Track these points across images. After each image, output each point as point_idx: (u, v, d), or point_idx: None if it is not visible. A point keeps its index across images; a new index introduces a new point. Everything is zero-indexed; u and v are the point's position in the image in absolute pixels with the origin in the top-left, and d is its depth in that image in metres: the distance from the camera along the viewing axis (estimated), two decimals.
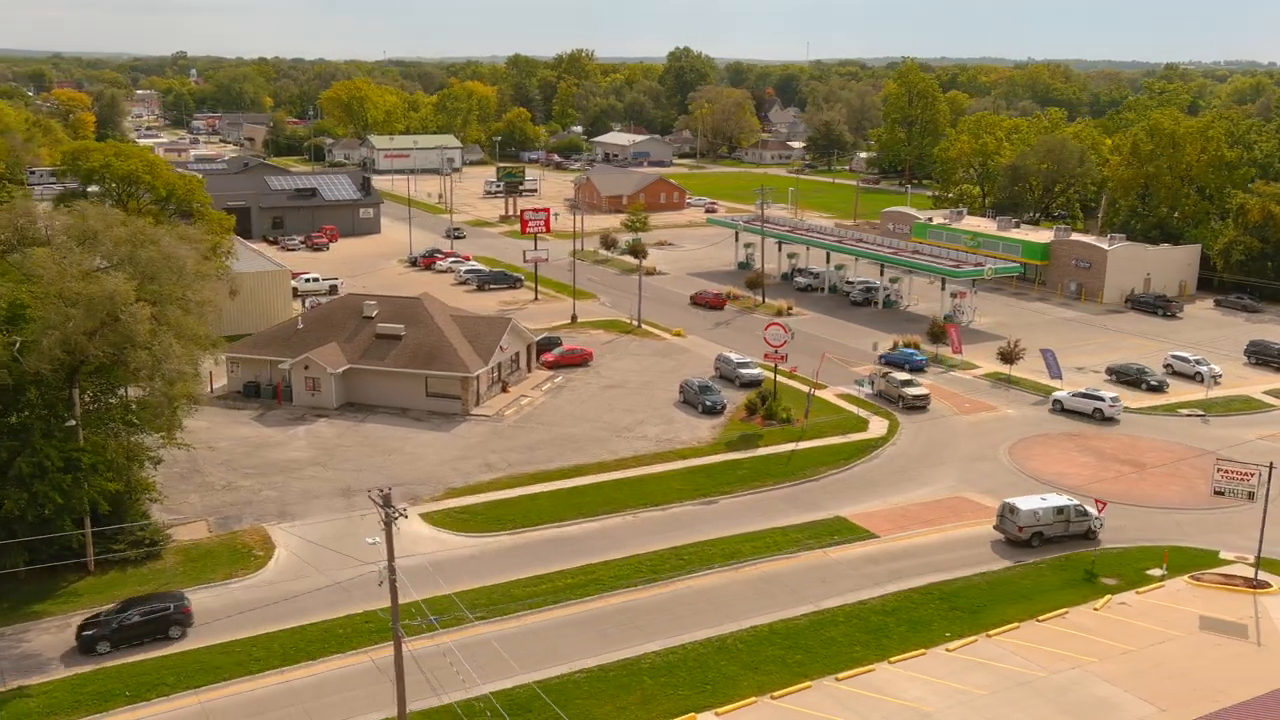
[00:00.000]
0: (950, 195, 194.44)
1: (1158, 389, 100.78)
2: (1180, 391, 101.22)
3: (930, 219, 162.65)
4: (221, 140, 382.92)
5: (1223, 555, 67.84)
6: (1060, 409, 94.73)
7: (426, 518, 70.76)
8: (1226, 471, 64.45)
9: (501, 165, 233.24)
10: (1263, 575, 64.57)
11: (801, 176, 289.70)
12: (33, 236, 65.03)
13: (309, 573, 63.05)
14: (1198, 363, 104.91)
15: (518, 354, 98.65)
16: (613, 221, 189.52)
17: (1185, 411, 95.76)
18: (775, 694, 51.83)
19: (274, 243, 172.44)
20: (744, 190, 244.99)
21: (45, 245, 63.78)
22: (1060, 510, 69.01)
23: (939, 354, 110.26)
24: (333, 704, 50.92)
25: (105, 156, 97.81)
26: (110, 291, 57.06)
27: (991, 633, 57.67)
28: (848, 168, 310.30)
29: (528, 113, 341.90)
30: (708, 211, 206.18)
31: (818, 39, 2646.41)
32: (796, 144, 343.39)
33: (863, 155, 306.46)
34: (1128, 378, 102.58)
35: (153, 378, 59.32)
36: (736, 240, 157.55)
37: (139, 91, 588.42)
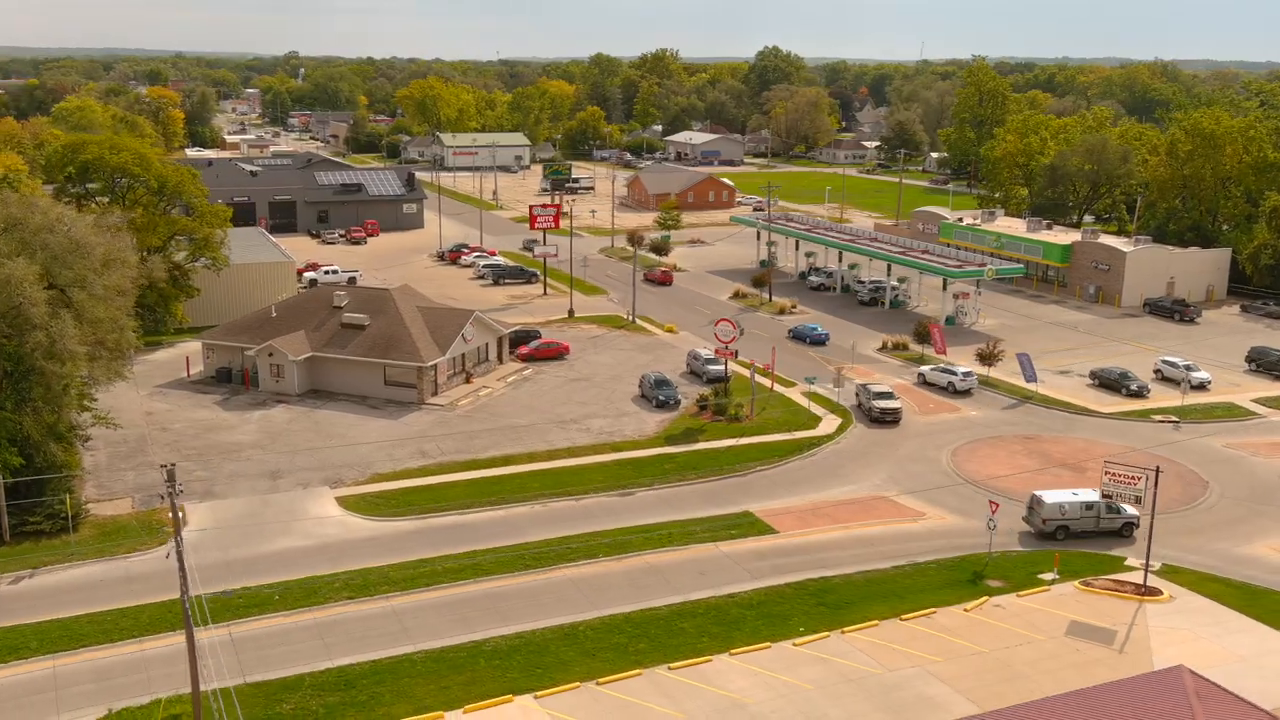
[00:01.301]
0: (996, 196, 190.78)
1: (1138, 394, 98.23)
2: (1163, 397, 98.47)
3: (960, 219, 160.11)
4: (311, 137, 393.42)
5: (1129, 562, 66.35)
6: (923, 382, 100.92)
7: (341, 501, 72.79)
8: (1114, 475, 62.86)
9: (547, 162, 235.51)
10: (1158, 583, 63.10)
11: (871, 176, 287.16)
12: None
13: (209, 549, 65.39)
14: (1187, 368, 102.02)
15: (485, 346, 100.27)
16: (653, 219, 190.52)
17: (1158, 417, 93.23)
18: (601, 680, 52.43)
19: (315, 236, 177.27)
20: (806, 189, 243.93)
21: None
22: (1089, 505, 68.59)
23: (924, 354, 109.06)
24: (178, 673, 52.83)
25: (100, 150, 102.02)
26: (7, 276, 60.12)
27: (846, 629, 57.36)
28: (921, 168, 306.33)
29: (601, 111, 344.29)
30: (755, 210, 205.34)
31: (934, 40, 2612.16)
32: (871, 143, 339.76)
33: (934, 155, 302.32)
34: (1109, 381, 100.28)
35: (48, 358, 62.20)
36: (758, 239, 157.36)
37: (248, 90, 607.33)
